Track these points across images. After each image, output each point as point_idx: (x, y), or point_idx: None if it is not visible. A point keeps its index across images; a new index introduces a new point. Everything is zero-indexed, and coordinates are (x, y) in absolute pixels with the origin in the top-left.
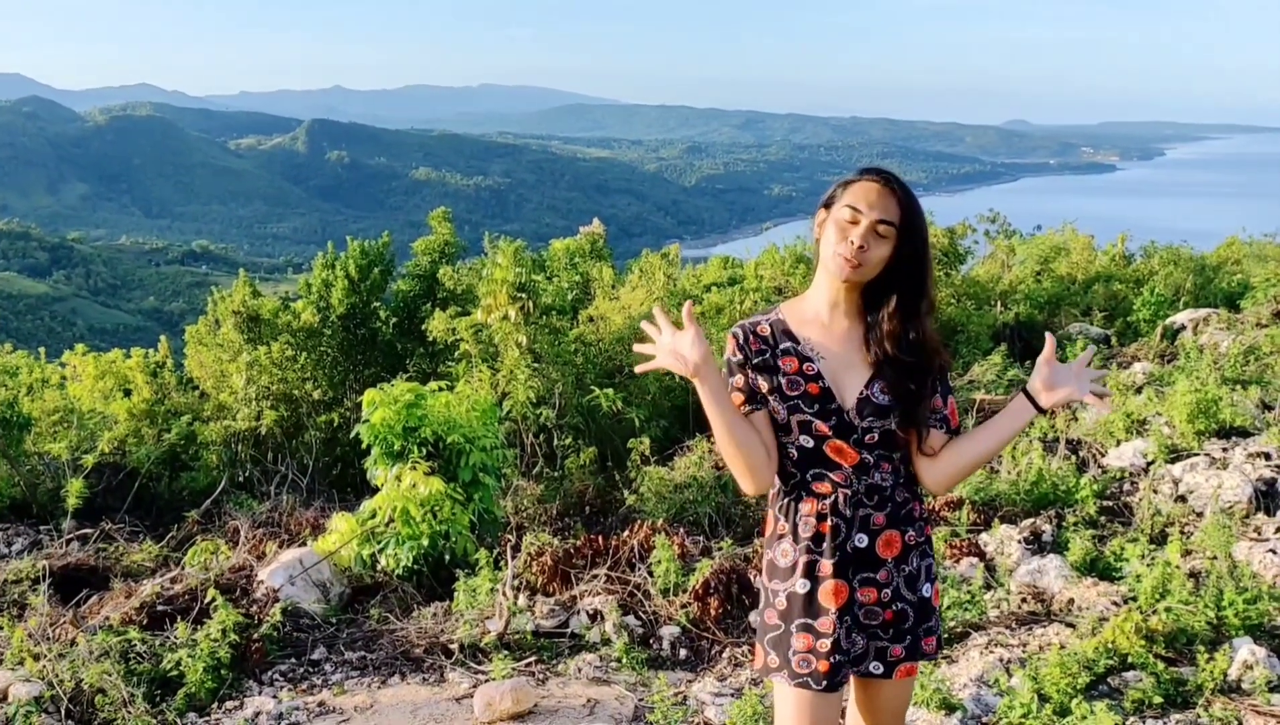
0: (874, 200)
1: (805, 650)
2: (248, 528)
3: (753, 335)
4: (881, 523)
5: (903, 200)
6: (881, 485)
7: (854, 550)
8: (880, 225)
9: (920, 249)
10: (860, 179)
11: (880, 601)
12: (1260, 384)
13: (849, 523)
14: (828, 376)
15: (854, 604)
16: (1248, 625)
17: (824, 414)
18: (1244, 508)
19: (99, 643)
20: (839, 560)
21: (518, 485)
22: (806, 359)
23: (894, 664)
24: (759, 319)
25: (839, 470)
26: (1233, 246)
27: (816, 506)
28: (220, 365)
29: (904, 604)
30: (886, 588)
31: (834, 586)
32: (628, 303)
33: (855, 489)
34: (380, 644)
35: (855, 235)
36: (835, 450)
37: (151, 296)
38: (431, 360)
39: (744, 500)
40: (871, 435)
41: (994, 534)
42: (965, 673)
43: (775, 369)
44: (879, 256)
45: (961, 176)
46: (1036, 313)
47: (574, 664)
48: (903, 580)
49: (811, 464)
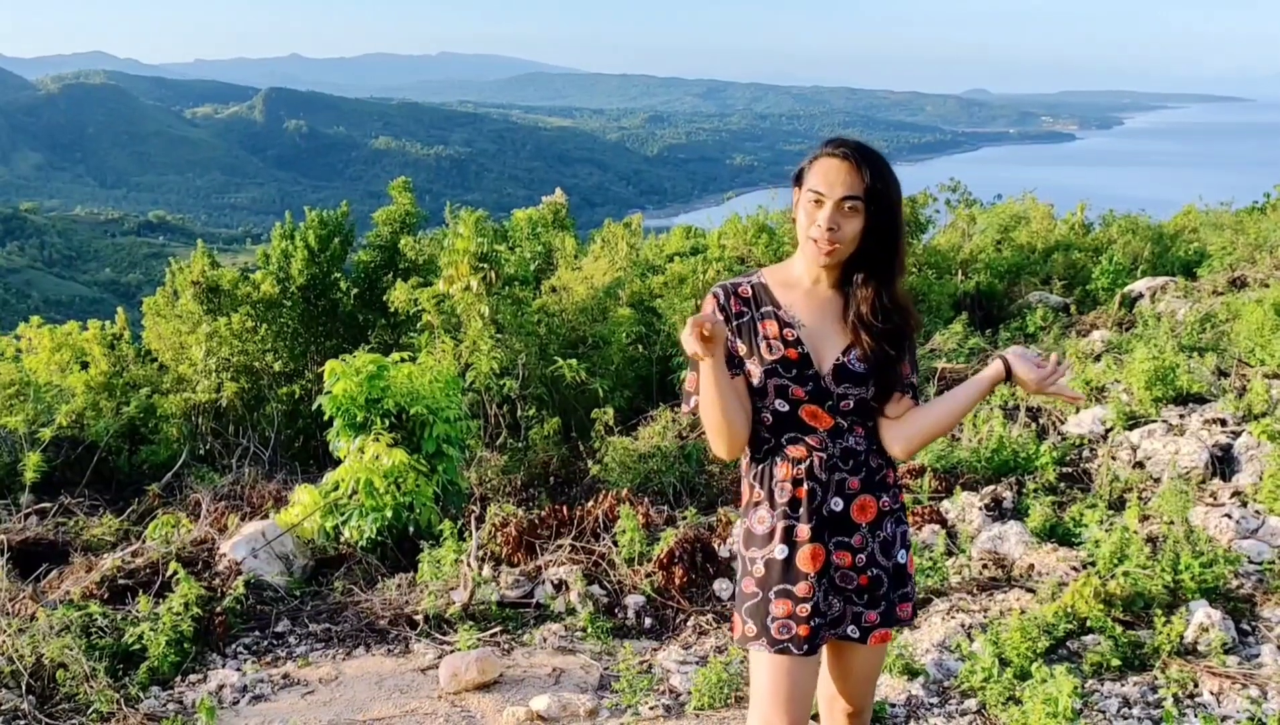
0: (835, 178)
1: (785, 616)
2: (209, 501)
3: (734, 296)
4: (856, 487)
5: (866, 170)
6: (856, 449)
7: (829, 514)
8: (845, 202)
9: (890, 216)
10: (822, 154)
11: (855, 566)
12: (1216, 351)
13: (824, 487)
14: (807, 342)
15: (830, 567)
16: (1203, 589)
17: (801, 379)
18: (1200, 473)
19: (59, 617)
20: (815, 524)
21: (482, 456)
22: (787, 324)
23: (869, 629)
24: (740, 281)
25: (814, 434)
26: (1189, 215)
27: (792, 471)
28: (179, 337)
29: (879, 570)
30: (861, 553)
31: (811, 550)
32: (590, 273)
33: (830, 453)
34: (344, 616)
35: (822, 218)
36: (810, 414)
37: (108, 268)
38: (393, 331)
39: (708, 469)
40: (846, 402)
41: (955, 501)
42: (927, 638)
43: (755, 331)
44: (851, 233)
45: (923, 146)
46: (997, 281)
47: (539, 634)
48: (877, 546)
49: (786, 428)
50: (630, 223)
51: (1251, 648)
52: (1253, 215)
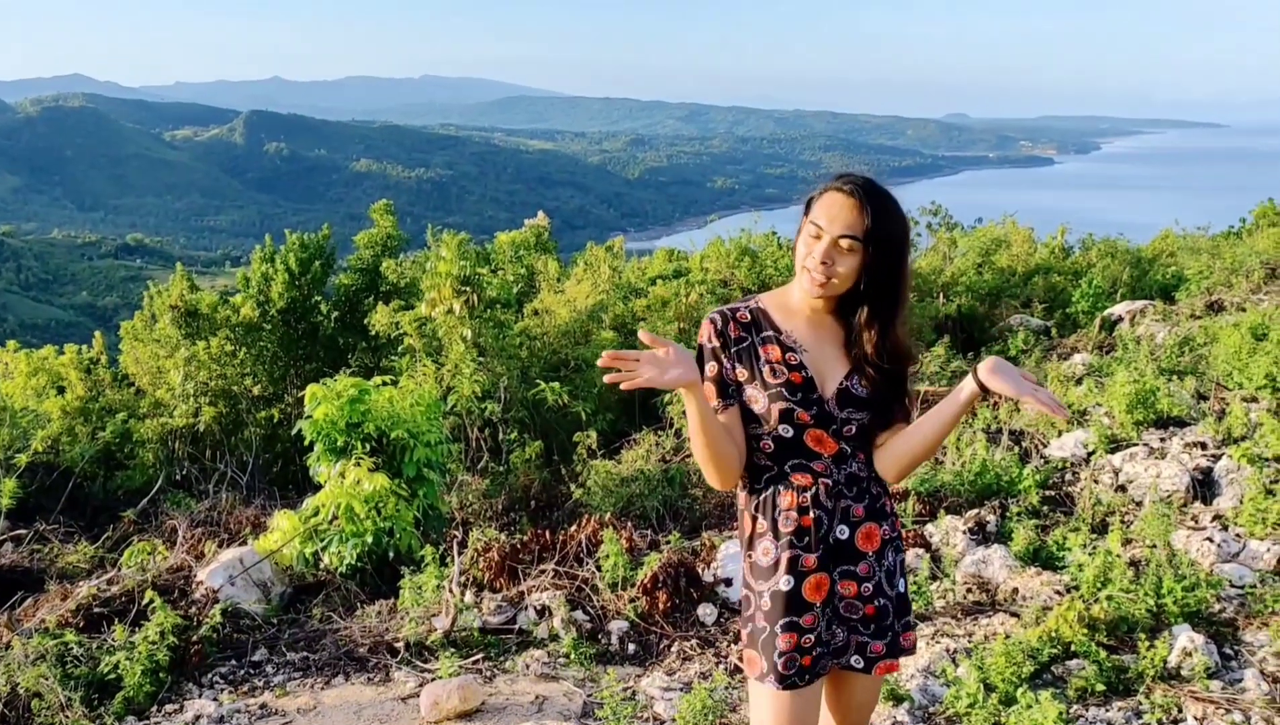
0: (836, 214)
1: (790, 649)
2: (186, 527)
3: (733, 321)
4: (861, 514)
5: (869, 211)
6: (859, 475)
7: (835, 542)
8: (843, 240)
9: (890, 259)
10: (830, 187)
11: (860, 595)
12: (1195, 374)
13: (830, 514)
14: (810, 367)
15: (834, 597)
16: (1186, 613)
17: (806, 403)
18: (1182, 497)
19: (34, 646)
20: (822, 554)
21: (463, 480)
22: (789, 349)
23: (874, 660)
24: (738, 306)
25: (819, 460)
26: (1167, 239)
27: (797, 499)
28: (157, 361)
29: (885, 600)
30: (867, 582)
31: (816, 580)
32: (573, 296)
33: (835, 479)
34: (323, 644)
35: (817, 252)
36: (815, 439)
37: (85, 291)
38: (374, 354)
39: (691, 493)
40: (849, 427)
41: (939, 525)
42: (912, 663)
43: (756, 356)
44: (846, 271)
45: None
46: (978, 304)
47: (522, 660)
48: (883, 575)
49: (790, 454)
50: (613, 246)
51: (1234, 672)
52: (1229, 239)
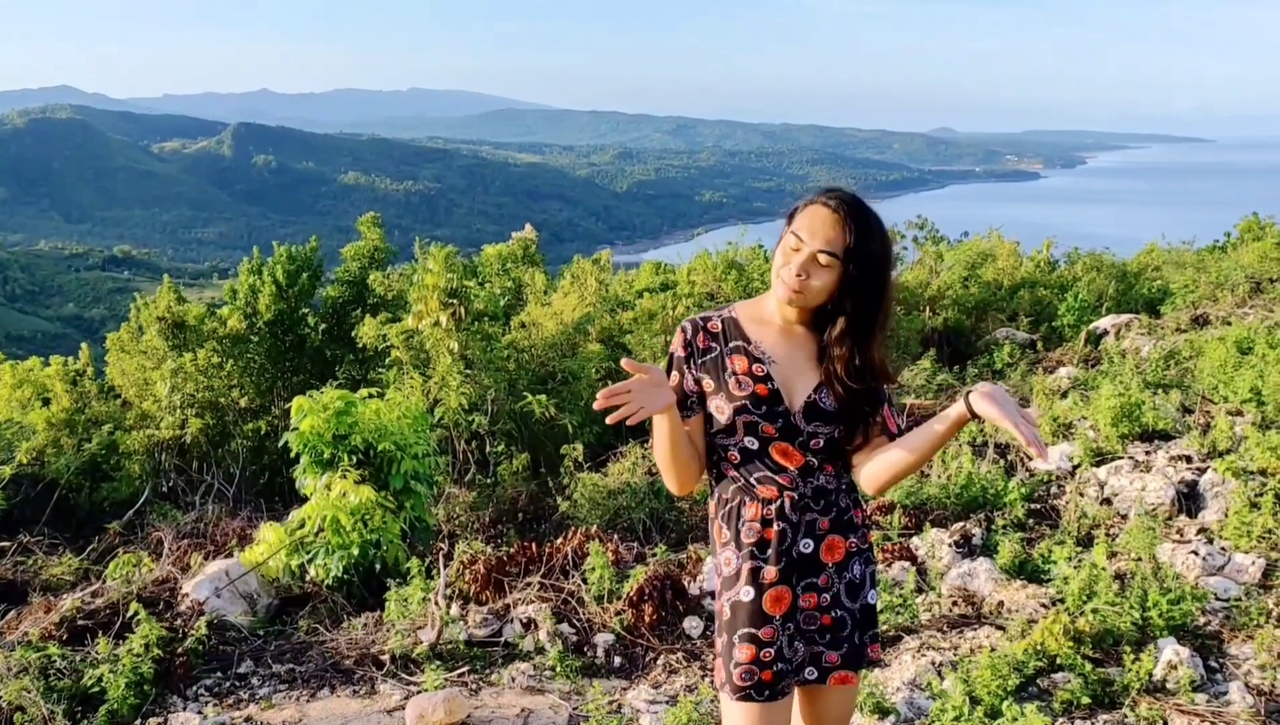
0: (817, 228)
1: (748, 661)
2: (171, 539)
3: (703, 331)
4: (826, 527)
5: (852, 229)
6: (826, 488)
7: (799, 555)
8: (821, 255)
9: (870, 277)
10: (815, 201)
11: (819, 606)
12: (1180, 388)
13: (795, 527)
14: (777, 378)
15: (795, 610)
16: (1171, 626)
17: (771, 416)
18: (1167, 510)
19: (17, 659)
20: (784, 566)
21: (450, 493)
22: (757, 360)
23: (828, 670)
24: (711, 315)
25: (785, 473)
26: (1152, 253)
27: (761, 511)
28: (143, 373)
29: (843, 612)
30: (826, 592)
31: (777, 593)
32: (560, 308)
33: (801, 492)
34: (309, 656)
35: (795, 263)
36: (781, 452)
37: (71, 303)
38: (361, 367)
39: (678, 505)
40: (816, 440)
41: (925, 537)
42: (898, 676)
43: (722, 366)
44: (820, 285)
45: (890, 183)
46: (964, 318)
47: (508, 673)
48: (843, 587)
49: (756, 467)
50: (600, 259)
51: (1219, 684)
52: (1214, 253)
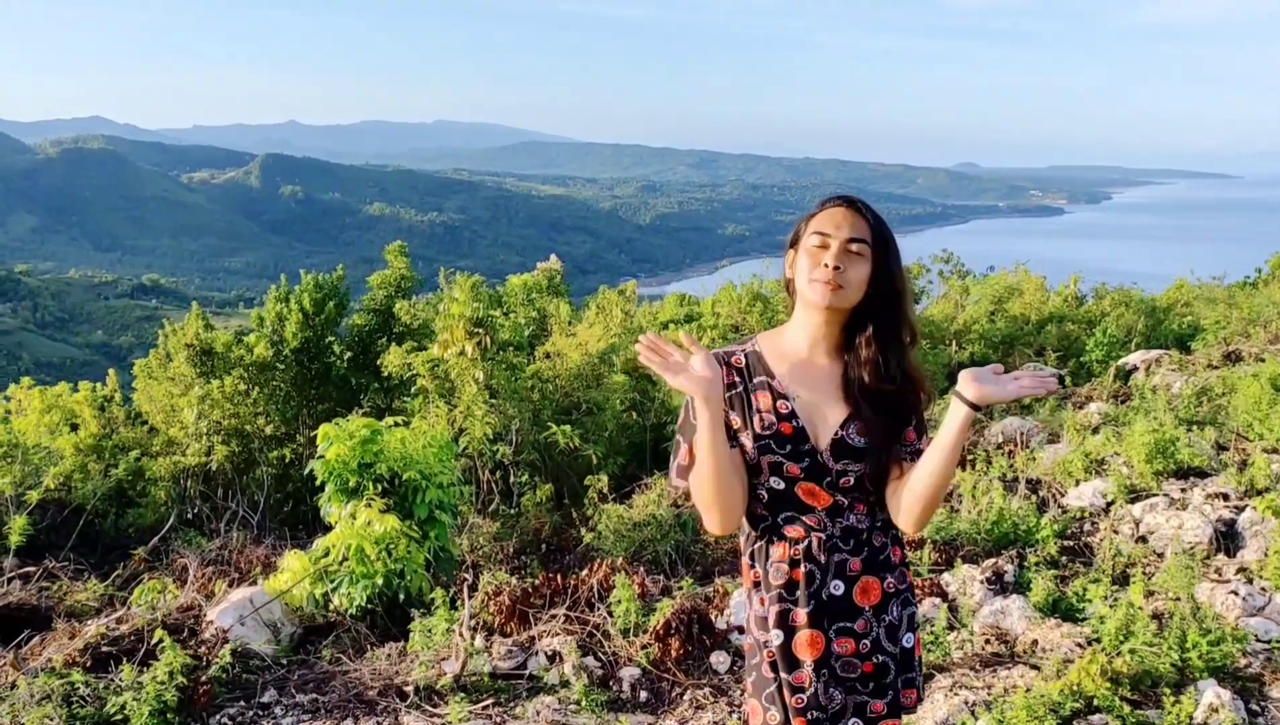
0: (841, 221)
1: (779, 706)
2: (196, 566)
3: (726, 366)
4: (858, 568)
5: (870, 219)
6: (858, 528)
7: (829, 598)
8: (853, 243)
9: (895, 267)
10: (824, 207)
11: (859, 653)
12: (1214, 425)
13: (823, 569)
14: (802, 416)
15: (830, 656)
16: (1211, 667)
17: (796, 455)
18: (1205, 548)
19: (40, 685)
20: (813, 609)
21: (474, 523)
22: (781, 396)
23: (874, 720)
24: (734, 349)
25: (812, 513)
26: (1182, 289)
27: (789, 552)
28: (170, 399)
29: (885, 656)
30: (865, 638)
31: (809, 637)
32: (584, 339)
33: (830, 533)
34: (332, 686)
35: (829, 257)
36: (808, 492)
37: (100, 330)
38: (387, 395)
39: (703, 538)
40: (846, 479)
41: (956, 574)
42: (930, 716)
43: (748, 403)
44: (858, 277)
45: (913, 217)
46: (991, 352)
47: (532, 706)
48: (883, 630)
49: (783, 507)
50: (625, 290)
51: None
52: (1245, 289)
